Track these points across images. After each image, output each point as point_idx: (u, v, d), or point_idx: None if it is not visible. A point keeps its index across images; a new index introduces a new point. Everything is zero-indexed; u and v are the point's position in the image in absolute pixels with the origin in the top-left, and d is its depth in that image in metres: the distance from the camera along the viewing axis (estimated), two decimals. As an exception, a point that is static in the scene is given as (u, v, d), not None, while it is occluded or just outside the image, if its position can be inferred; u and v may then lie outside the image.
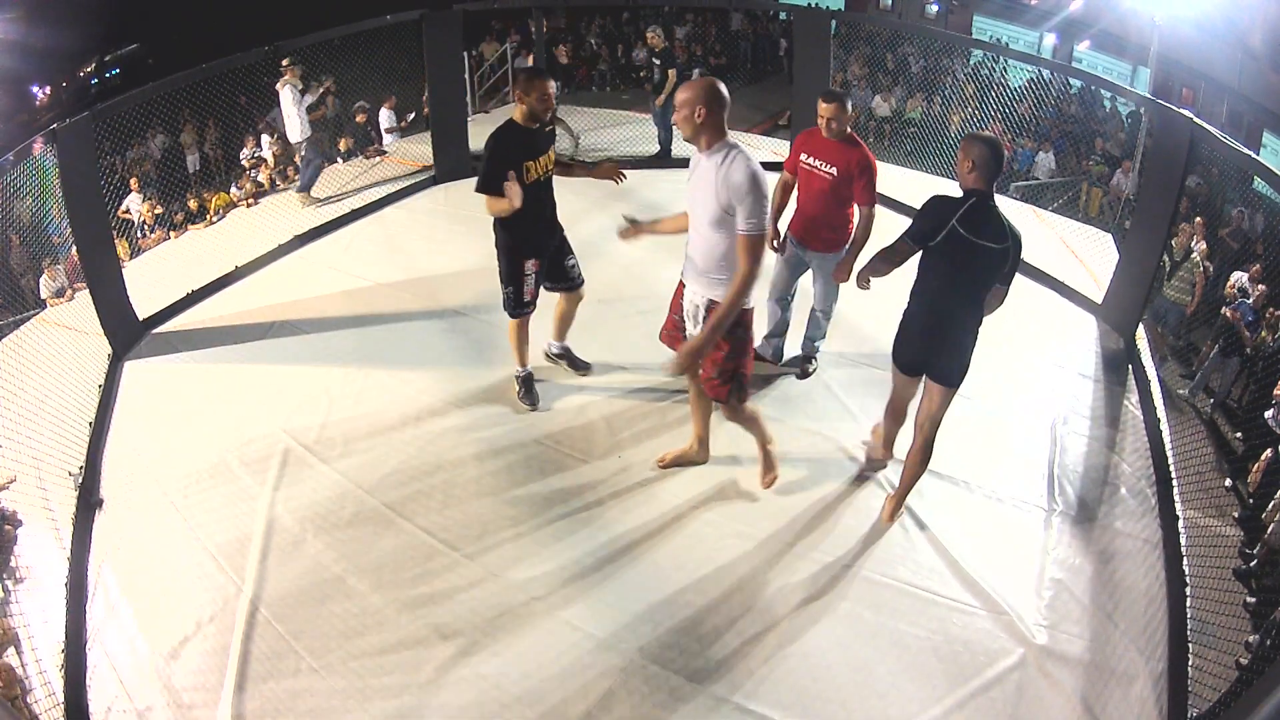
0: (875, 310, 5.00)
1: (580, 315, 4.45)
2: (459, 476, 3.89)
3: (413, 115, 10.17)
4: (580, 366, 4.58)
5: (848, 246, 4.21)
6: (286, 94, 7.68)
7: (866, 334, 4.94)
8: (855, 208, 4.15)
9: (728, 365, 3.30)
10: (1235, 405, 7.31)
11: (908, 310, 3.37)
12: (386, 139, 9.71)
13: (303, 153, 7.85)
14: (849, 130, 4.10)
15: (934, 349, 3.31)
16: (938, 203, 3.14)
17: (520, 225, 3.91)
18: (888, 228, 6.43)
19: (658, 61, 8.08)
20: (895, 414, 3.71)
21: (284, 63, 7.54)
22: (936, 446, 3.52)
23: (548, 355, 4.63)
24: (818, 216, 4.19)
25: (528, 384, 4.37)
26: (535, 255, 4.05)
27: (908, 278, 3.33)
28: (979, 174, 3.06)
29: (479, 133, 8.15)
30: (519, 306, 4.12)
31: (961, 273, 3.14)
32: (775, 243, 4.36)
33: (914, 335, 3.35)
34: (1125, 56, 14.38)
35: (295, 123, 7.75)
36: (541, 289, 4.17)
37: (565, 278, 4.25)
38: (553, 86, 3.77)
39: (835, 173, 4.05)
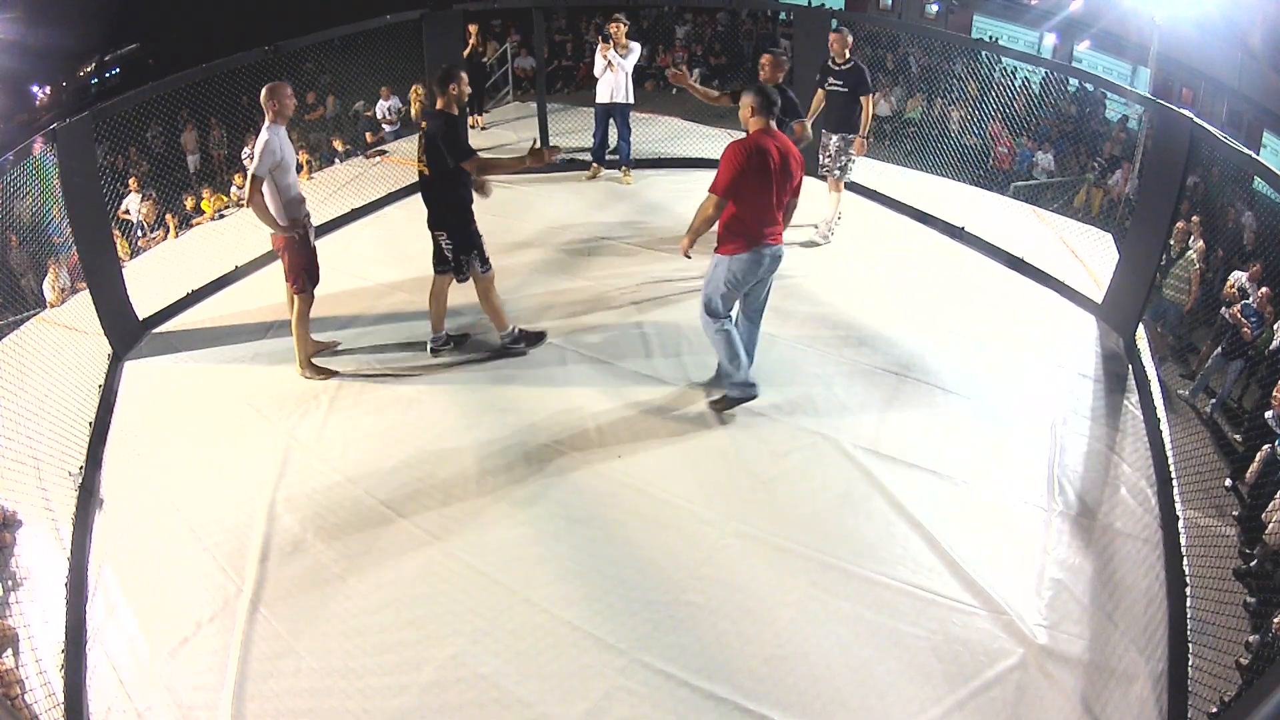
0: (875, 312, 5.02)
1: (580, 315, 4.44)
2: (459, 476, 3.88)
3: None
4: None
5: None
6: (632, 57, 6.87)
7: (867, 335, 4.95)
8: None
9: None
10: (1235, 405, 7.30)
11: None
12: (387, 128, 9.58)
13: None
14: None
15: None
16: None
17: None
18: (886, 226, 6.44)
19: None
20: None
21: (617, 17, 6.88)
22: (936, 445, 3.78)
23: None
24: None
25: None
26: None
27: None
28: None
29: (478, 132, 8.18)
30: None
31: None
32: None
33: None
34: (1125, 56, 14.38)
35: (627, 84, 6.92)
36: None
37: None
38: None
39: None
